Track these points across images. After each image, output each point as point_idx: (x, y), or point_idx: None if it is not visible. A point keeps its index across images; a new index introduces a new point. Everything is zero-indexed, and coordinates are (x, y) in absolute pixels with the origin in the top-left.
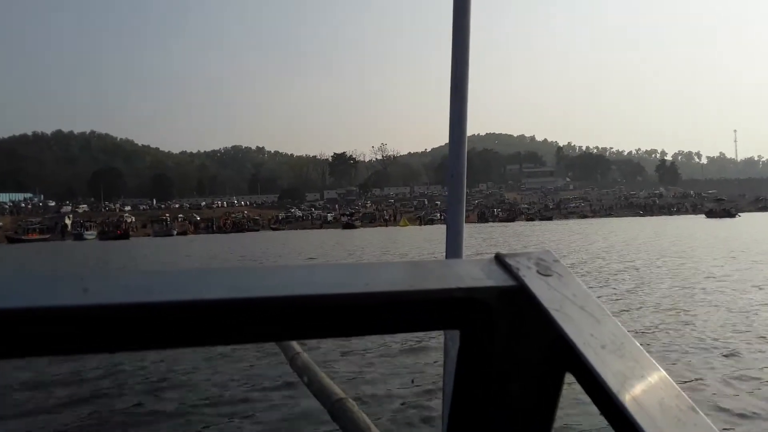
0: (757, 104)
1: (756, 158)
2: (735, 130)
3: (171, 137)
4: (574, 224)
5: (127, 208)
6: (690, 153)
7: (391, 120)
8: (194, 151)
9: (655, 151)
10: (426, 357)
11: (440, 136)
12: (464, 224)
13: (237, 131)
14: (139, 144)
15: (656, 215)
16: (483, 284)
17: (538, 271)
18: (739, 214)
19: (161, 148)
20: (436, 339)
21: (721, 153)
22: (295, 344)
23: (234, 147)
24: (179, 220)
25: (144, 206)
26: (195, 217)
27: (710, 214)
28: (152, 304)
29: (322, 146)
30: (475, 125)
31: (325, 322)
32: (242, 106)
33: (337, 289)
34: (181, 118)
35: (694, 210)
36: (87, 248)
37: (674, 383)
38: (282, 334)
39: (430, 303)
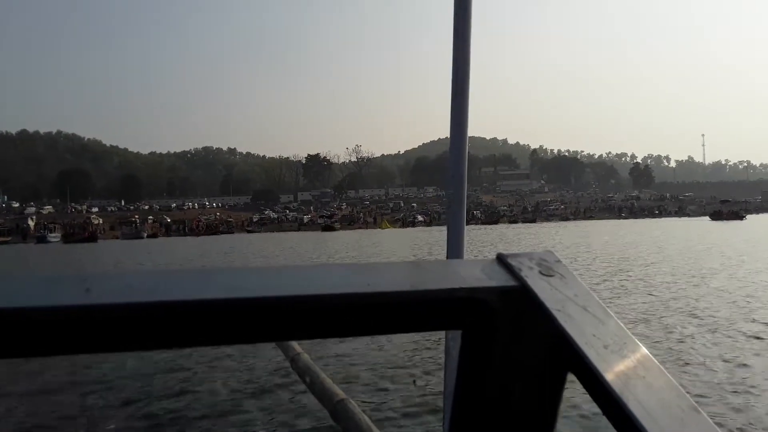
0: (725, 109)
1: (723, 162)
2: (703, 135)
3: (140, 137)
4: (565, 227)
5: (95, 209)
6: (659, 156)
7: (364, 122)
8: (164, 151)
9: (625, 154)
10: (428, 357)
11: (413, 139)
12: (465, 225)
13: (208, 132)
14: (107, 144)
15: (639, 218)
16: (485, 284)
17: (540, 272)
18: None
19: (130, 149)
20: (437, 339)
21: (689, 157)
22: (296, 345)
23: (205, 148)
24: (149, 222)
25: (112, 208)
26: (165, 219)
27: (716, 216)
28: (154, 304)
29: (294, 148)
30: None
31: (326, 322)
32: (213, 106)
33: (339, 289)
34: (150, 118)
35: (677, 213)
36: (49, 252)
37: (677, 383)
38: (284, 334)
39: (432, 303)
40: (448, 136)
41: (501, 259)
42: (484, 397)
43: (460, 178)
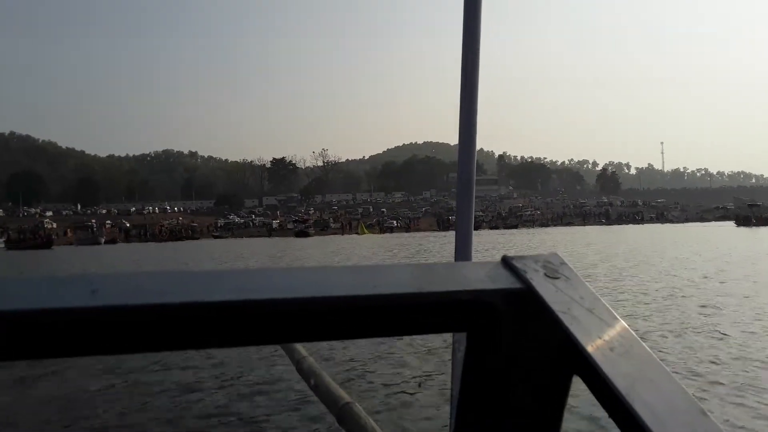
0: (683, 117)
1: (682, 169)
2: (662, 142)
3: (97, 140)
4: (549, 233)
5: (49, 213)
6: (620, 164)
7: (328, 126)
8: (122, 154)
9: (587, 161)
10: (434, 360)
11: (378, 144)
12: (473, 228)
13: (167, 135)
14: (63, 146)
15: (622, 224)
16: (490, 287)
17: (545, 274)
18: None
19: (87, 151)
20: (444, 341)
21: (649, 164)
22: (301, 349)
23: (165, 151)
24: (107, 226)
25: (67, 212)
26: (125, 223)
27: (743, 221)
28: (161, 306)
29: (257, 151)
30: (414, 134)
31: (333, 324)
32: (173, 108)
33: (345, 291)
34: (108, 120)
35: (658, 219)
36: None
37: (683, 386)
38: (290, 335)
39: (438, 305)
40: (413, 142)
41: (506, 262)
42: (490, 399)
43: (469, 182)
